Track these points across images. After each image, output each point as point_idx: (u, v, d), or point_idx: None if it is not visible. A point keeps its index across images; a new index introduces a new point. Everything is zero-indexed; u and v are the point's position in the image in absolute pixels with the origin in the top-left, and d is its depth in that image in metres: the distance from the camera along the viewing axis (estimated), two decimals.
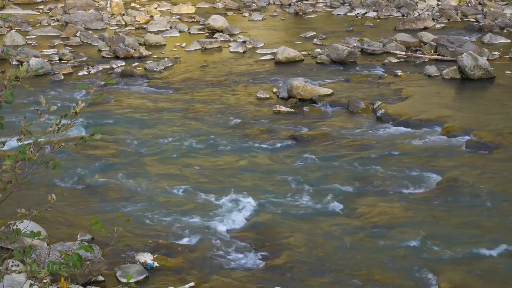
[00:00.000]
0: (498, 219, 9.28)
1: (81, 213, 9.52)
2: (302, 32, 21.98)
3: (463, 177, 10.50)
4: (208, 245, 8.63)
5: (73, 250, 3.98)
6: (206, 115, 13.94)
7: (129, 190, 10.38)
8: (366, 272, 7.97)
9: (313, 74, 16.83)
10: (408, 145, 12.12)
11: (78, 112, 4.01)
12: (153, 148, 12.16)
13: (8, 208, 6.77)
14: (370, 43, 19.21)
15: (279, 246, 8.59)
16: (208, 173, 11.01)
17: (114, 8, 25.74)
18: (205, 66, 18.01)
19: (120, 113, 14.10)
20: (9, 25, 23.02)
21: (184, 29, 22.89)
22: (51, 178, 10.53)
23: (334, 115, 13.89)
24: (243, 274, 7.99)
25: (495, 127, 12.62)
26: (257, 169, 11.13)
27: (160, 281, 7.78)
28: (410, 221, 9.25)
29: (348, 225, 9.20)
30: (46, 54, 19.19)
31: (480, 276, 7.90)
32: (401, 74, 16.54)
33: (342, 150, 11.89)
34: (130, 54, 19.05)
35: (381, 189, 10.31)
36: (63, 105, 13.73)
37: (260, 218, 9.38)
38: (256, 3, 27.86)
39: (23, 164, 4.01)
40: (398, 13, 25.05)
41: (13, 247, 4.01)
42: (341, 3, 27.23)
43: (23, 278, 6.33)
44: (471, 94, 15.22)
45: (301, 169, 11.11)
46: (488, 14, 23.40)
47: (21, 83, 4.08)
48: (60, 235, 8.62)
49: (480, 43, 19.76)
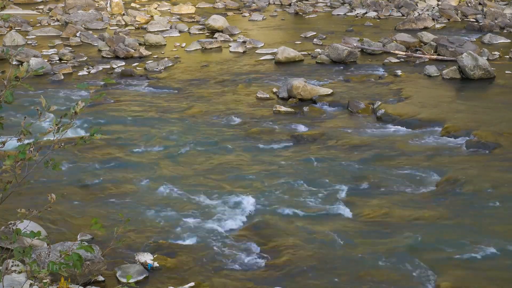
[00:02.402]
0: (498, 219, 9.28)
1: (81, 213, 9.52)
2: (302, 32, 21.99)
3: (463, 177, 10.49)
4: (208, 245, 8.63)
5: (73, 250, 3.98)
6: (206, 115, 13.94)
7: (129, 190, 10.38)
8: (366, 272, 7.97)
9: (313, 74, 16.83)
10: (408, 145, 12.12)
11: (78, 112, 4.01)
12: (153, 148, 12.15)
13: (8, 208, 6.78)
14: (370, 43, 19.21)
15: (279, 246, 8.59)
16: (208, 173, 11.01)
17: (114, 8, 25.74)
18: (205, 66, 18.01)
19: (120, 113, 14.09)
20: (9, 25, 23.02)
21: (184, 29, 22.89)
22: (51, 178, 10.52)
23: (334, 115, 13.89)
24: (243, 274, 7.99)
25: (495, 127, 12.62)
26: (257, 169, 11.13)
27: (160, 281, 7.78)
28: (410, 221, 9.25)
29: (348, 225, 9.20)
30: (46, 54, 19.20)
31: (480, 276, 7.90)
32: (401, 74, 16.54)
33: (342, 150, 11.89)
34: (130, 54, 19.05)
35: (381, 189, 10.31)
36: (63, 105, 13.74)
37: (260, 218, 9.38)
38: (256, 3, 27.87)
39: (23, 164, 4.01)
40: (398, 13, 25.06)
41: (13, 247, 4.01)
42: (341, 3, 27.24)
43: (23, 278, 6.33)
44: (471, 94, 15.21)
45: (301, 169, 11.11)
46: (488, 14, 23.40)
47: (21, 83, 4.08)
48: (60, 235, 8.63)
49: (480, 43, 19.77)
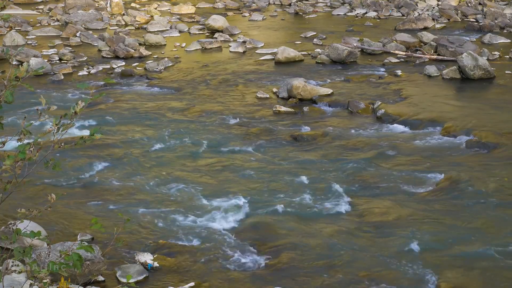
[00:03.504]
0: (498, 219, 9.28)
1: (81, 213, 9.52)
2: (302, 32, 21.99)
3: (463, 177, 10.49)
4: (208, 245, 8.63)
5: (73, 250, 3.98)
6: (206, 115, 13.93)
7: (129, 190, 10.38)
8: (366, 272, 7.97)
9: (313, 74, 16.83)
10: (408, 145, 12.12)
11: (77, 112, 4.01)
12: (153, 148, 12.15)
13: (8, 208, 6.79)
14: (370, 43, 19.21)
15: (279, 246, 8.59)
16: (208, 173, 11.01)
17: (114, 8, 25.74)
18: (205, 66, 18.01)
19: (120, 113, 14.09)
20: (9, 25, 23.02)
21: (184, 29, 22.89)
22: (51, 178, 10.52)
23: (334, 115, 13.89)
24: (243, 274, 7.99)
25: (495, 127, 12.62)
26: (257, 169, 11.13)
27: (160, 281, 7.78)
28: (410, 221, 9.24)
29: (348, 225, 9.20)
30: (46, 54, 19.19)
31: (480, 276, 7.90)
32: (401, 74, 16.54)
33: (342, 150, 11.89)
34: (130, 54, 19.05)
35: (381, 189, 10.30)
36: (63, 105, 13.74)
37: (260, 218, 9.38)
38: (256, 3, 27.87)
39: (23, 164, 4.00)
40: (398, 13, 25.06)
41: (13, 247, 4.01)
42: (341, 3, 27.24)
43: (23, 278, 6.33)
44: (471, 94, 15.21)
45: (301, 169, 11.11)
46: (488, 14, 23.40)
47: (21, 83, 4.07)
48: (60, 235, 8.63)
49: (480, 43, 19.77)
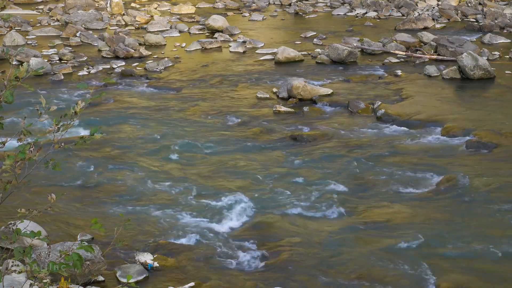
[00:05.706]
0: (498, 219, 9.28)
1: (81, 213, 9.52)
2: (302, 32, 21.99)
3: (463, 177, 10.49)
4: (208, 245, 8.63)
5: (73, 250, 3.97)
6: (206, 115, 13.93)
7: (129, 190, 10.38)
8: (366, 272, 7.97)
9: (313, 74, 16.83)
10: (408, 145, 12.12)
11: (77, 112, 4.01)
12: (153, 148, 12.15)
13: (8, 208, 6.78)
14: (370, 43, 19.21)
15: (279, 246, 8.59)
16: (208, 173, 11.00)
17: (114, 8, 25.74)
18: (205, 66, 18.02)
19: (120, 113, 14.09)
20: (9, 25, 23.02)
21: (184, 29, 22.89)
22: (51, 178, 10.52)
23: (334, 115, 13.89)
24: (243, 274, 7.99)
25: (495, 127, 12.62)
26: (257, 169, 11.13)
27: (160, 281, 7.78)
28: (410, 221, 9.25)
29: (348, 225, 9.20)
30: (46, 54, 19.20)
31: (480, 276, 7.90)
32: (401, 74, 16.54)
33: (342, 150, 11.89)
34: (130, 54, 19.05)
35: (381, 189, 10.31)
36: (63, 105, 13.73)
37: (260, 218, 9.38)
38: (256, 3, 27.87)
39: (23, 164, 4.00)
40: (398, 13, 25.06)
41: (13, 247, 4.01)
42: (341, 3, 27.24)
43: (23, 278, 6.33)
44: (471, 94, 15.21)
45: (301, 169, 11.11)
46: (488, 14, 23.40)
47: (21, 83, 4.07)
48: (60, 235, 8.63)
49: (480, 43, 19.76)
